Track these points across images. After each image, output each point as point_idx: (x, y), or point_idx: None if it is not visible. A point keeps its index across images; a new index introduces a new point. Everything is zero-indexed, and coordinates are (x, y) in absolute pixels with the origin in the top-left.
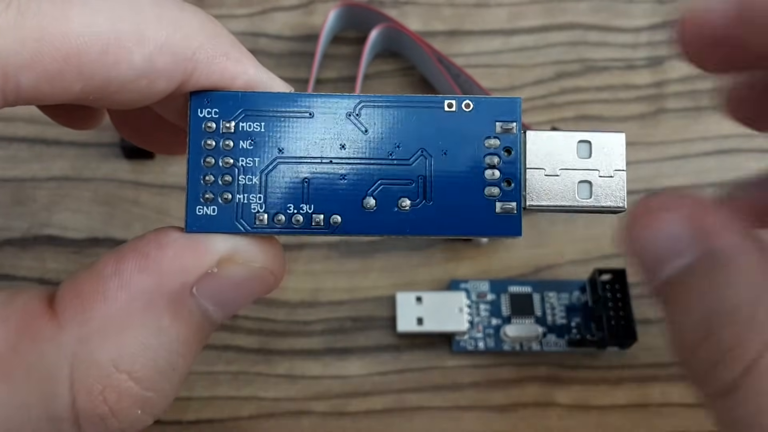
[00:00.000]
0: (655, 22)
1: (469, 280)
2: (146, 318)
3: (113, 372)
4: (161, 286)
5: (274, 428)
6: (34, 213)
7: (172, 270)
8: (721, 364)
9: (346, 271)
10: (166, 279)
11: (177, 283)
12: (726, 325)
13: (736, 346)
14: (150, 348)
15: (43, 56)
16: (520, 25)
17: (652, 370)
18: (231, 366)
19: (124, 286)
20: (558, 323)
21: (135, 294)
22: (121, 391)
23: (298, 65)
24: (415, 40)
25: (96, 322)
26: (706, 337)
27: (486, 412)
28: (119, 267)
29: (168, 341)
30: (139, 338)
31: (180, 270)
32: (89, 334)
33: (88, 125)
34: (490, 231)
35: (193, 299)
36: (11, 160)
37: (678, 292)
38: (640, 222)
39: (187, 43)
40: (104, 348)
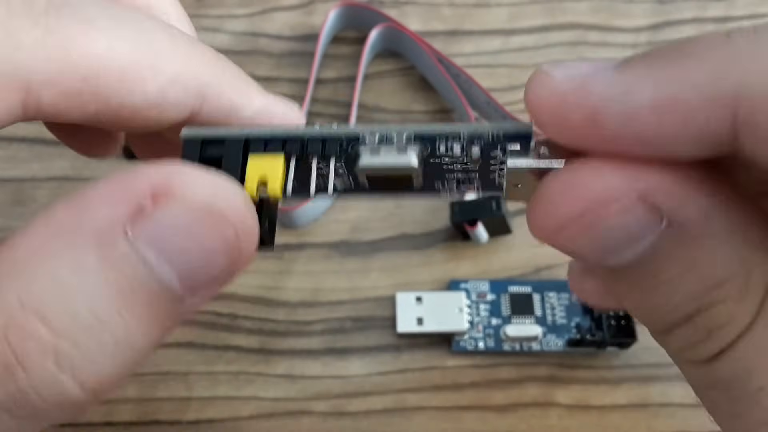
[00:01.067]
0: (655, 22)
1: (469, 280)
2: (63, 252)
3: (17, 309)
4: (84, 220)
5: (274, 428)
6: (34, 213)
7: (98, 202)
8: (708, 340)
9: (346, 271)
10: (91, 212)
11: (103, 218)
12: (714, 303)
13: (726, 323)
14: (64, 286)
15: (66, 74)
16: (520, 25)
17: (652, 370)
18: (231, 366)
19: (48, 220)
20: (558, 323)
21: (56, 228)
22: (25, 332)
23: (298, 65)
24: (415, 40)
25: (9, 260)
26: (689, 318)
27: (486, 412)
28: (50, 207)
29: (91, 284)
30: (51, 273)
31: (107, 202)
32: (2, 273)
33: (102, 152)
34: None
35: (127, 242)
36: (11, 160)
37: (642, 277)
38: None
39: (198, 77)
40: (12, 286)
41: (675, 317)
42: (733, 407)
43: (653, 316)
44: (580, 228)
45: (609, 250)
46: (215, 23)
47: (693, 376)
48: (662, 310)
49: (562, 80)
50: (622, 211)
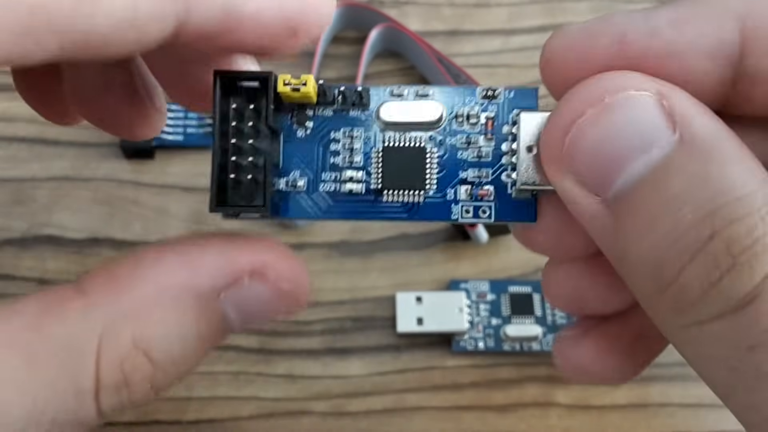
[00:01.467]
0: None
1: (469, 280)
2: (173, 310)
3: (132, 349)
4: (193, 284)
5: (274, 428)
6: (34, 213)
7: (206, 272)
8: (731, 275)
9: (346, 271)
10: (199, 279)
11: (208, 285)
12: (733, 219)
13: (749, 247)
14: (169, 337)
15: (5, 10)
16: (520, 25)
17: (652, 370)
18: (231, 366)
19: (159, 276)
20: (558, 323)
21: (167, 285)
22: (136, 365)
23: (298, 65)
24: (415, 40)
25: (127, 302)
26: (703, 246)
27: (486, 412)
28: (160, 259)
29: (187, 335)
30: (162, 326)
31: (214, 273)
32: (119, 313)
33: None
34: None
35: (219, 303)
36: (11, 160)
37: (649, 199)
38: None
39: None
40: (128, 327)
41: (687, 244)
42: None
43: (660, 258)
44: (598, 114)
45: (620, 158)
46: None
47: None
48: (671, 239)
49: (586, 22)
50: (639, 105)
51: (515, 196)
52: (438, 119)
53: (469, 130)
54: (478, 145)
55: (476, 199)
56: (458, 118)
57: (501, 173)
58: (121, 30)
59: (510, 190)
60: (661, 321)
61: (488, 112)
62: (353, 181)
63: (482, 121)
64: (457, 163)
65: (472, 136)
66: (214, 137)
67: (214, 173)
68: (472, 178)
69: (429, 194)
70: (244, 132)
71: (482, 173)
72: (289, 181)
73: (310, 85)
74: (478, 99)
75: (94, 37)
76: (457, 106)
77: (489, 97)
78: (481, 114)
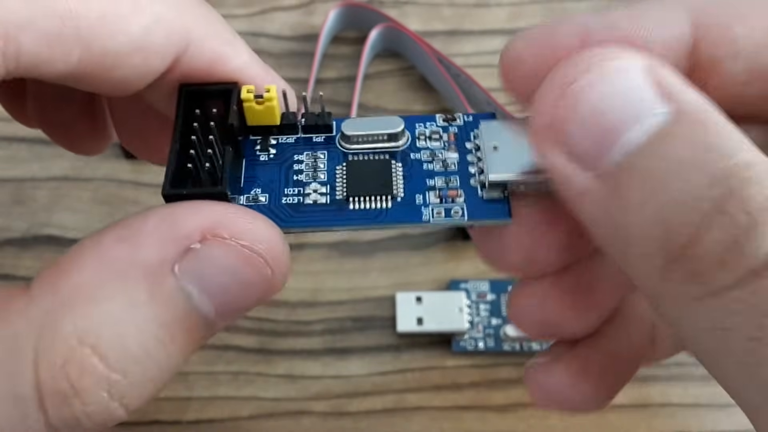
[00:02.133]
0: None
1: (469, 280)
2: (117, 288)
3: (76, 345)
4: (137, 257)
5: (274, 428)
6: (34, 213)
7: (150, 239)
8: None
9: (346, 271)
10: (143, 250)
11: (154, 255)
12: (743, 184)
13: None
14: (118, 322)
15: (42, 16)
16: (520, 25)
17: (652, 370)
18: (231, 366)
19: (98, 254)
20: None
21: (108, 263)
22: (83, 367)
23: (298, 65)
24: (415, 40)
25: (65, 291)
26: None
27: (486, 412)
28: (99, 238)
29: (142, 320)
30: (106, 309)
31: (158, 240)
32: (57, 305)
33: (92, 147)
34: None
35: (175, 279)
36: (11, 160)
37: (651, 163)
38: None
39: (182, 19)
40: (69, 318)
41: (701, 207)
42: None
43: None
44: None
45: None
46: None
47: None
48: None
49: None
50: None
51: (486, 197)
52: (401, 131)
53: (433, 146)
54: (443, 157)
55: (446, 201)
56: (420, 138)
57: (469, 179)
58: (131, 54)
59: (480, 193)
60: (669, 297)
61: (450, 132)
62: (317, 193)
63: (445, 138)
64: (423, 174)
65: (437, 151)
66: (172, 147)
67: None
68: (441, 185)
69: (397, 199)
70: (205, 136)
71: (450, 179)
72: (250, 197)
73: (272, 93)
74: (439, 123)
75: (109, 56)
76: (418, 129)
77: (449, 121)
78: (443, 134)
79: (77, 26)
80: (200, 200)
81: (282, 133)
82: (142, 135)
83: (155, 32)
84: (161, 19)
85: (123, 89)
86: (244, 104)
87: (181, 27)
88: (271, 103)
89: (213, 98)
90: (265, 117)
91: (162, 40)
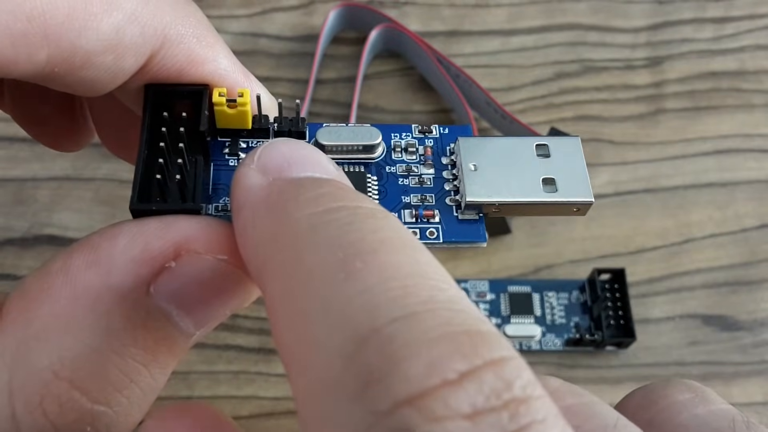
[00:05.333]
0: (654, 22)
1: (468, 280)
2: (93, 318)
3: (52, 379)
4: (110, 282)
5: (274, 428)
6: (35, 213)
7: (122, 263)
8: None
9: None
10: (116, 273)
11: (129, 280)
12: None
13: None
14: (97, 352)
15: (5, 15)
16: (520, 26)
17: (651, 369)
18: (231, 365)
19: (69, 282)
20: (557, 323)
21: (80, 291)
22: (62, 402)
23: (298, 65)
24: (415, 41)
25: (37, 323)
26: None
27: None
28: (67, 262)
29: (121, 346)
30: (84, 341)
31: (131, 262)
32: (29, 337)
33: (72, 144)
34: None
35: (151, 299)
36: (12, 160)
37: None
38: None
39: (158, 17)
40: (43, 352)
41: None
42: None
43: None
44: None
45: None
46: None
47: None
48: None
49: None
50: None
51: (461, 218)
52: (377, 143)
53: (408, 159)
54: (418, 172)
55: (422, 221)
56: (396, 149)
57: (445, 197)
58: (102, 53)
59: (456, 213)
60: None
61: (426, 145)
62: None
63: (421, 151)
64: (398, 189)
65: (412, 165)
66: (139, 155)
67: (138, 172)
68: (416, 202)
69: None
70: (173, 141)
71: (425, 197)
72: (219, 206)
73: (246, 97)
74: (415, 134)
75: (78, 54)
76: (394, 140)
77: (424, 132)
78: (419, 146)
79: (44, 25)
80: (171, 215)
81: (252, 136)
82: (120, 134)
83: (128, 31)
84: (135, 17)
85: (95, 89)
86: (215, 108)
87: (156, 24)
88: (244, 108)
89: (182, 99)
90: (237, 121)
91: (135, 39)
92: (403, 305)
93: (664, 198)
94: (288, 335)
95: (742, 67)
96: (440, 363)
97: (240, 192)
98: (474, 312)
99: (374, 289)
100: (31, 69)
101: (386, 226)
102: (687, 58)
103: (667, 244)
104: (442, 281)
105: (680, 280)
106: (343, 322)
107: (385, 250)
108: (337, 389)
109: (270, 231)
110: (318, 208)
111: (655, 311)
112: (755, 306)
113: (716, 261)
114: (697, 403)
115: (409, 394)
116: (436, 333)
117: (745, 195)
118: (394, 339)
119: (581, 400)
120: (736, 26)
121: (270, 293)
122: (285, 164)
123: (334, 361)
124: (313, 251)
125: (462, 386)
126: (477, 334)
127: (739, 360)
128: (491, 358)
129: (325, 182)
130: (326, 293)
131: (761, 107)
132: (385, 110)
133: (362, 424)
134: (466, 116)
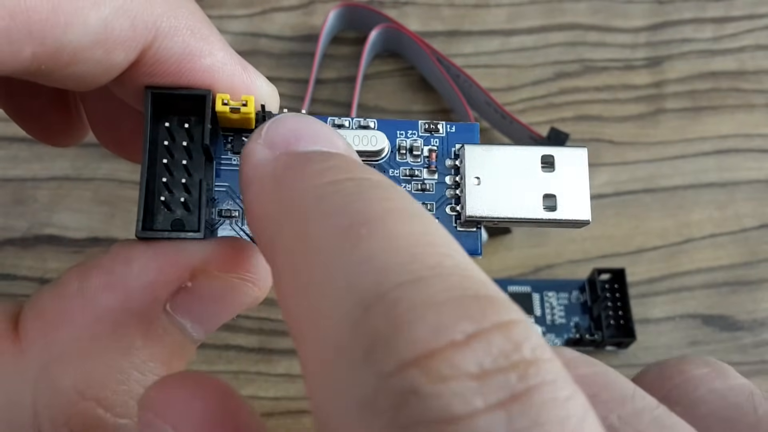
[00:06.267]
0: (654, 22)
1: None
2: (114, 339)
3: (78, 400)
4: (129, 305)
5: (274, 427)
6: (35, 213)
7: (140, 286)
8: None
9: None
10: (134, 296)
11: (146, 301)
12: None
13: None
14: (120, 371)
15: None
16: (520, 26)
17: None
18: (231, 365)
19: (88, 305)
20: (557, 323)
21: (101, 314)
22: (88, 421)
23: (298, 65)
24: (415, 41)
25: (59, 345)
26: None
27: None
28: (83, 285)
29: (141, 363)
30: (107, 362)
31: (149, 286)
32: (52, 360)
33: (66, 138)
34: None
35: (168, 317)
36: (12, 160)
37: None
38: None
39: (148, 9)
40: (68, 374)
41: None
42: None
43: None
44: None
45: None
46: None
47: None
48: None
49: None
50: None
51: (460, 229)
52: (381, 149)
53: (412, 162)
54: (421, 177)
55: None
56: (401, 150)
57: (445, 206)
58: (90, 48)
59: (455, 223)
60: None
61: (431, 146)
62: None
63: (425, 153)
64: None
65: (416, 168)
66: (142, 175)
67: (141, 196)
68: None
69: None
70: (176, 155)
71: (426, 205)
72: (222, 210)
73: (251, 106)
74: (420, 132)
75: (65, 50)
76: (399, 139)
77: (430, 131)
78: (424, 147)
79: (27, 21)
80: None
81: None
82: (114, 129)
83: (117, 24)
84: (124, 9)
85: (86, 83)
86: (218, 116)
87: (147, 17)
88: (248, 116)
89: (184, 104)
90: (240, 124)
91: (125, 33)
92: (410, 270)
93: (663, 198)
94: (296, 307)
95: (742, 67)
96: (447, 325)
97: (248, 168)
98: (482, 277)
99: (381, 255)
100: (16, 66)
101: (394, 196)
102: (687, 58)
103: (667, 244)
104: (450, 248)
105: (680, 280)
106: (349, 289)
107: (393, 219)
108: (344, 355)
109: (277, 204)
110: (324, 179)
111: (655, 311)
112: (755, 306)
113: (716, 261)
114: (715, 378)
115: (415, 355)
116: (444, 297)
117: (745, 195)
118: (401, 303)
119: (596, 369)
120: (736, 26)
121: (278, 266)
122: (292, 138)
123: (342, 327)
124: (319, 221)
125: (469, 347)
126: (485, 298)
127: (739, 360)
128: (500, 320)
129: (332, 156)
130: (333, 261)
131: (761, 107)
132: (385, 110)
133: (369, 386)
134: (466, 116)
